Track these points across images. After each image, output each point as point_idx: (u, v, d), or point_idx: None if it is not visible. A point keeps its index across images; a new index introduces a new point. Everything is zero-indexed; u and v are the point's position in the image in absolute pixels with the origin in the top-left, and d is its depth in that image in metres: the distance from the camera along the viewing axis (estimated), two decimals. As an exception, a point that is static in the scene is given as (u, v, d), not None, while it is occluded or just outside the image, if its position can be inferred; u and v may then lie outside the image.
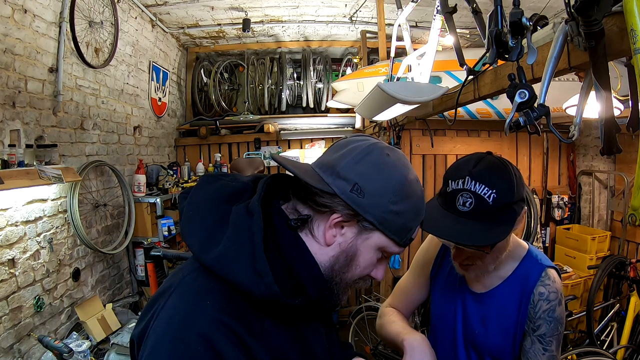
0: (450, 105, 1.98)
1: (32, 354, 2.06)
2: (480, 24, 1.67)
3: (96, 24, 2.73)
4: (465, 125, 3.66)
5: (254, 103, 4.75)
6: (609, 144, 1.10)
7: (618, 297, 3.36)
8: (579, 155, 4.15)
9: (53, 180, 2.05)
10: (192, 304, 0.61)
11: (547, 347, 1.05)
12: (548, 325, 1.05)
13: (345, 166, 0.68)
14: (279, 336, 0.66)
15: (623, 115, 1.33)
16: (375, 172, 0.68)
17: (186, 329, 0.58)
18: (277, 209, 0.72)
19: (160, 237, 3.16)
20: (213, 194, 0.71)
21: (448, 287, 1.24)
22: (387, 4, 3.40)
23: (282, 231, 0.69)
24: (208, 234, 0.66)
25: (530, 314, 1.07)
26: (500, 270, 1.12)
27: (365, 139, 0.73)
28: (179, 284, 0.66)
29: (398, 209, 0.68)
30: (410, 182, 0.70)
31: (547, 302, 1.05)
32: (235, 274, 0.62)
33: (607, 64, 0.98)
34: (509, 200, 0.96)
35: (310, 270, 0.69)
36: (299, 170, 0.69)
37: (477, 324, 1.15)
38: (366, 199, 0.66)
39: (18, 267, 2.00)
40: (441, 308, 1.25)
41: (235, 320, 0.60)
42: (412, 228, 0.72)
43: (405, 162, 0.72)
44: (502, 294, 1.12)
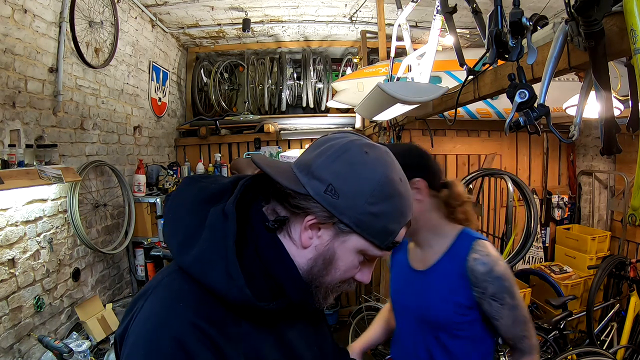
0: (450, 105, 1.98)
1: (32, 354, 2.06)
2: (480, 24, 1.67)
3: (96, 24, 2.73)
4: (465, 125, 3.66)
5: (254, 103, 4.75)
6: (609, 144, 1.10)
7: (618, 297, 3.36)
8: (579, 155, 4.15)
9: (53, 180, 2.05)
10: (167, 307, 0.61)
11: (502, 302, 1.17)
12: (492, 284, 1.16)
13: (320, 165, 0.65)
14: (257, 339, 0.65)
15: (623, 115, 1.33)
16: (351, 171, 0.64)
17: (160, 331, 0.58)
18: (257, 211, 0.70)
19: (160, 237, 3.16)
20: (193, 196, 0.70)
21: (399, 273, 1.40)
22: (387, 4, 3.40)
23: (260, 233, 0.68)
24: (186, 236, 0.65)
25: (472, 280, 1.18)
26: (438, 246, 1.27)
27: (343, 136, 0.69)
28: (156, 286, 0.66)
29: (377, 210, 0.64)
30: (392, 182, 0.66)
31: (483, 265, 1.17)
32: (209, 277, 0.61)
33: (607, 64, 0.98)
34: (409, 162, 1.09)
35: (289, 272, 0.68)
36: (274, 170, 0.67)
37: (424, 301, 1.26)
38: (341, 200, 0.63)
39: (18, 267, 2.00)
40: (395, 292, 1.41)
41: (209, 323, 0.60)
42: (395, 231, 0.67)
43: (388, 160, 0.68)
44: (442, 268, 1.25)
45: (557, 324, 2.70)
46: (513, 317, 1.19)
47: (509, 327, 1.20)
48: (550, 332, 2.71)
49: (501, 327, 1.21)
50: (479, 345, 1.26)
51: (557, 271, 3.53)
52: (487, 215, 3.85)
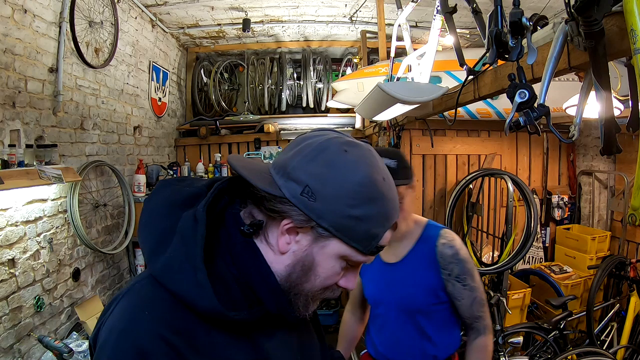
0: (450, 105, 1.99)
1: (32, 354, 2.06)
2: (480, 24, 1.67)
3: (96, 24, 2.73)
4: (465, 125, 3.66)
5: (254, 103, 4.75)
6: (609, 144, 1.10)
7: (618, 297, 3.36)
8: (579, 155, 4.15)
9: (53, 180, 2.05)
10: (134, 314, 0.59)
11: (465, 284, 1.33)
12: (457, 266, 1.33)
13: (296, 166, 0.61)
14: (229, 350, 0.61)
15: (623, 115, 1.33)
16: (329, 172, 0.60)
17: (124, 339, 0.57)
18: (233, 215, 0.67)
19: (160, 237, 3.16)
20: (166, 200, 0.68)
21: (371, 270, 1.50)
22: (387, 4, 3.40)
23: (235, 238, 0.65)
24: (157, 241, 0.63)
25: (441, 263, 1.34)
26: (408, 239, 1.41)
27: (321, 134, 0.65)
28: (127, 291, 0.64)
29: (359, 213, 0.60)
30: (375, 182, 0.61)
31: (450, 248, 1.34)
32: (177, 284, 0.59)
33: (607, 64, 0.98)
34: (404, 164, 1.32)
35: (265, 280, 0.64)
36: (250, 172, 0.63)
37: (402, 290, 1.39)
38: (319, 203, 0.59)
39: (18, 267, 2.00)
40: (370, 290, 1.51)
41: (175, 334, 0.57)
42: (379, 235, 0.63)
43: (370, 160, 0.63)
44: (413, 257, 1.39)
45: (557, 324, 2.70)
46: (472, 297, 1.34)
47: (468, 307, 1.35)
48: (550, 332, 2.71)
49: (461, 307, 1.36)
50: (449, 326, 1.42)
51: (557, 271, 3.53)
52: (487, 215, 3.85)
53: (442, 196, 3.52)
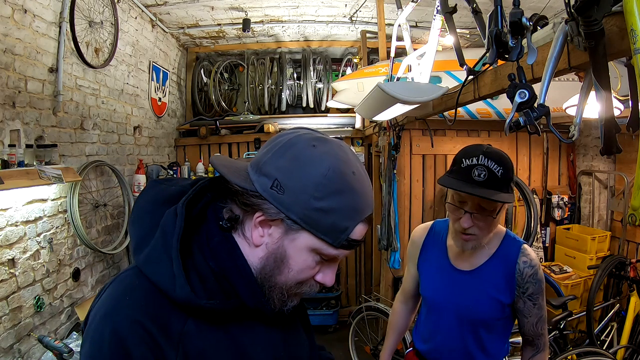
0: (450, 105, 1.98)
1: (32, 354, 2.06)
2: (480, 24, 1.67)
3: (96, 24, 2.73)
4: (465, 125, 3.66)
5: (254, 103, 4.75)
6: (609, 144, 1.10)
7: (618, 297, 3.36)
8: (579, 155, 4.15)
9: (53, 180, 2.05)
10: (115, 300, 0.63)
11: (535, 302, 1.32)
12: (534, 285, 1.31)
13: (267, 161, 0.65)
14: (203, 340, 0.64)
15: (623, 115, 1.33)
16: (295, 165, 0.63)
17: (104, 324, 0.61)
18: (214, 211, 0.70)
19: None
20: (151, 198, 0.72)
21: (437, 272, 1.46)
22: (387, 4, 3.40)
23: (214, 233, 0.68)
24: (142, 236, 0.67)
25: (518, 280, 1.31)
26: (486, 249, 1.36)
27: (293, 132, 0.68)
28: (114, 279, 0.69)
29: (323, 205, 0.62)
30: (342, 175, 0.63)
31: (531, 268, 1.31)
32: (156, 274, 0.62)
33: (607, 64, 0.98)
34: (510, 176, 1.23)
35: (241, 272, 0.67)
36: (228, 170, 0.67)
37: (470, 300, 1.35)
38: (286, 196, 0.62)
39: (18, 267, 2.00)
40: (432, 291, 1.47)
41: (151, 320, 0.60)
42: (348, 227, 0.64)
43: (338, 154, 0.65)
44: (489, 269, 1.35)
45: (557, 324, 2.70)
46: (539, 316, 1.33)
47: (533, 325, 1.34)
48: (550, 332, 2.70)
49: (527, 324, 1.34)
50: (504, 338, 1.42)
51: (557, 271, 3.53)
52: (487, 215, 3.85)
53: (442, 196, 3.52)
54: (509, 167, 1.23)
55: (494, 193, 1.19)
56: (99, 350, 0.59)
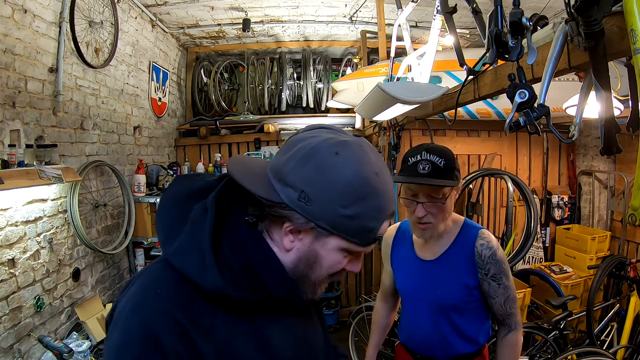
0: (450, 105, 1.98)
1: (32, 354, 2.06)
2: (480, 24, 1.67)
3: (96, 24, 2.73)
4: (465, 125, 3.66)
5: (254, 103, 4.75)
6: (609, 144, 1.10)
7: (618, 297, 3.36)
8: (579, 155, 4.15)
9: (53, 180, 2.05)
10: (145, 292, 0.65)
11: (499, 283, 1.39)
12: (494, 266, 1.38)
13: (290, 172, 0.65)
14: (231, 331, 0.66)
15: (623, 115, 1.33)
16: (319, 176, 0.63)
17: (134, 316, 0.62)
18: (240, 206, 0.72)
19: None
20: (178, 193, 0.74)
21: (404, 264, 1.55)
22: (387, 4, 3.40)
23: (241, 228, 0.70)
24: (170, 230, 0.69)
25: (479, 263, 1.39)
26: (446, 237, 1.44)
27: (312, 136, 0.67)
28: (142, 272, 0.71)
29: (351, 212, 0.64)
30: (366, 180, 0.64)
31: (488, 249, 1.38)
32: (187, 266, 0.64)
33: (607, 64, 0.98)
34: (452, 165, 1.34)
35: (270, 266, 0.69)
36: (248, 178, 0.67)
37: (436, 286, 1.43)
38: (314, 207, 0.63)
39: (18, 267, 2.00)
40: (403, 284, 1.56)
41: (181, 311, 0.62)
42: (375, 228, 0.67)
43: (361, 157, 0.65)
44: (450, 255, 1.43)
45: (557, 324, 2.70)
46: (505, 296, 1.40)
47: (501, 305, 1.40)
48: (550, 332, 2.71)
49: (495, 304, 1.41)
50: (479, 322, 1.46)
51: (557, 271, 3.53)
52: (487, 215, 3.85)
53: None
54: (450, 158, 1.35)
55: (439, 180, 1.31)
56: (128, 342, 0.60)
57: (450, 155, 1.37)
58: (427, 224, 1.37)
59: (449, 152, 1.38)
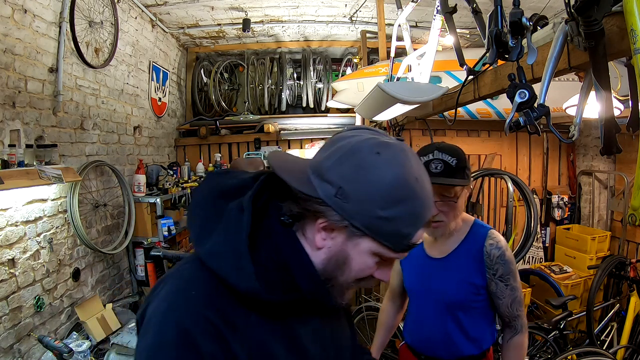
0: (450, 105, 1.98)
1: (32, 354, 2.06)
2: (480, 24, 1.67)
3: (96, 24, 2.73)
4: (465, 125, 3.66)
5: (254, 103, 4.75)
6: (609, 144, 1.10)
7: (618, 297, 3.36)
8: (579, 155, 4.15)
9: (53, 180, 2.05)
10: (179, 293, 0.64)
11: (507, 283, 1.38)
12: (503, 267, 1.37)
13: (329, 168, 0.64)
14: (263, 331, 0.66)
15: (623, 115, 1.32)
16: (359, 175, 0.62)
17: (168, 316, 0.62)
18: (276, 206, 0.71)
19: (160, 237, 3.16)
20: (211, 191, 0.73)
21: (413, 262, 1.53)
22: (387, 4, 3.40)
23: (276, 228, 0.69)
24: (203, 228, 0.68)
25: (487, 263, 1.38)
26: (455, 236, 1.44)
27: (355, 135, 0.67)
28: (175, 271, 0.70)
29: (388, 214, 0.62)
30: (405, 183, 0.63)
31: (498, 249, 1.38)
32: (221, 267, 0.63)
33: (607, 64, 0.98)
34: (463, 164, 1.34)
35: (304, 268, 0.68)
36: (288, 172, 0.67)
37: (444, 285, 1.42)
38: (351, 204, 0.62)
39: (18, 267, 2.00)
40: (411, 282, 1.55)
41: (216, 312, 0.62)
42: (410, 234, 0.65)
43: (402, 160, 0.64)
44: (459, 254, 1.43)
45: (557, 324, 2.70)
46: (512, 297, 1.39)
47: (508, 306, 1.39)
48: (550, 332, 2.71)
49: (501, 305, 1.40)
50: (486, 323, 1.46)
51: (557, 271, 3.53)
52: (487, 215, 3.85)
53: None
54: (461, 157, 1.35)
55: (451, 180, 1.32)
56: (163, 343, 0.60)
57: (461, 154, 1.36)
58: (439, 222, 1.38)
59: (461, 151, 1.37)
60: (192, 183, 3.91)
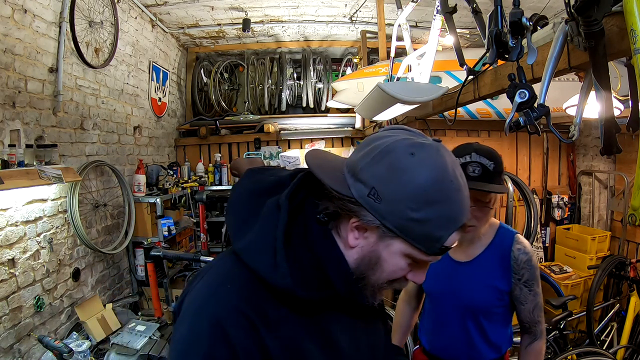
0: (450, 105, 1.98)
1: (32, 354, 2.06)
2: (480, 24, 1.67)
3: (96, 24, 2.73)
4: (465, 125, 3.66)
5: (254, 103, 4.75)
6: (609, 144, 1.10)
7: (618, 297, 3.36)
8: (579, 155, 4.15)
9: (53, 180, 2.05)
10: (215, 287, 0.66)
11: (531, 289, 1.37)
12: (529, 272, 1.36)
13: (364, 167, 0.64)
14: (295, 327, 0.66)
15: (623, 115, 1.32)
16: (392, 175, 0.62)
17: (203, 309, 0.64)
18: (311, 204, 0.71)
19: (160, 237, 3.16)
20: (250, 188, 0.75)
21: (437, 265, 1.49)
22: (387, 4, 3.40)
23: (312, 226, 0.69)
24: (241, 224, 0.70)
25: (514, 267, 1.36)
26: (482, 239, 1.42)
27: (390, 135, 0.66)
28: (212, 265, 0.73)
29: (420, 216, 0.61)
30: (439, 185, 0.61)
31: (525, 254, 1.37)
32: (257, 263, 0.65)
33: (607, 64, 0.98)
34: (501, 169, 1.31)
35: (339, 265, 0.68)
36: (323, 170, 0.68)
37: (469, 289, 1.40)
38: (383, 205, 0.62)
39: (18, 267, 2.00)
40: (431, 285, 1.49)
41: (250, 306, 0.63)
42: (442, 237, 0.63)
43: (437, 162, 0.63)
44: (486, 258, 1.40)
45: (557, 324, 2.70)
46: (535, 302, 1.37)
47: (529, 312, 1.38)
48: (550, 332, 2.70)
49: (523, 311, 1.38)
50: (505, 328, 1.45)
51: (557, 271, 3.53)
52: (487, 215, 3.85)
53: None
54: (499, 161, 1.31)
55: (488, 185, 1.28)
56: (197, 335, 0.62)
57: (498, 157, 1.32)
58: (471, 227, 1.34)
59: (498, 155, 1.33)
60: (192, 183, 3.91)
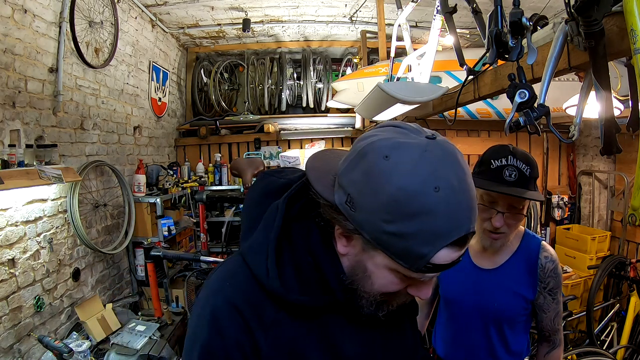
0: (450, 105, 1.98)
1: (32, 354, 2.06)
2: (480, 24, 1.67)
3: (96, 24, 2.73)
4: (465, 125, 3.67)
5: (254, 103, 4.75)
6: (609, 144, 1.10)
7: (618, 297, 3.36)
8: (579, 155, 4.15)
9: (53, 180, 2.05)
10: (218, 282, 0.69)
11: (554, 297, 1.35)
12: (554, 280, 1.33)
13: (343, 172, 0.60)
14: (295, 328, 0.65)
15: (623, 115, 1.32)
16: (365, 181, 0.55)
17: (206, 302, 0.67)
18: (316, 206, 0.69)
19: (160, 237, 3.16)
20: (261, 190, 0.76)
21: (459, 272, 1.37)
22: (387, 4, 3.40)
23: (313, 229, 0.68)
24: (249, 226, 0.72)
25: (541, 275, 1.33)
26: (508, 246, 1.37)
27: (373, 135, 0.60)
28: (223, 263, 0.75)
29: (395, 230, 0.53)
30: (416, 195, 0.52)
31: (552, 262, 1.34)
32: (255, 265, 0.66)
33: (607, 64, 0.98)
34: (536, 174, 1.26)
35: (334, 271, 0.66)
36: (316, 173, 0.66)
37: (494, 297, 1.35)
38: (357, 214, 0.57)
39: (18, 267, 2.00)
40: (452, 292, 1.44)
41: (246, 304, 0.64)
42: (425, 254, 0.54)
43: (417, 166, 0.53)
44: (512, 266, 1.36)
45: (557, 324, 2.70)
46: (556, 311, 1.36)
47: (551, 320, 1.36)
48: (550, 332, 2.71)
49: (545, 319, 1.36)
50: (525, 336, 1.42)
51: (557, 271, 3.53)
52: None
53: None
54: (534, 166, 1.26)
55: (525, 191, 1.22)
56: (200, 325, 0.65)
57: (534, 162, 1.27)
58: (501, 234, 1.29)
59: (533, 159, 1.28)
60: (192, 183, 3.91)
